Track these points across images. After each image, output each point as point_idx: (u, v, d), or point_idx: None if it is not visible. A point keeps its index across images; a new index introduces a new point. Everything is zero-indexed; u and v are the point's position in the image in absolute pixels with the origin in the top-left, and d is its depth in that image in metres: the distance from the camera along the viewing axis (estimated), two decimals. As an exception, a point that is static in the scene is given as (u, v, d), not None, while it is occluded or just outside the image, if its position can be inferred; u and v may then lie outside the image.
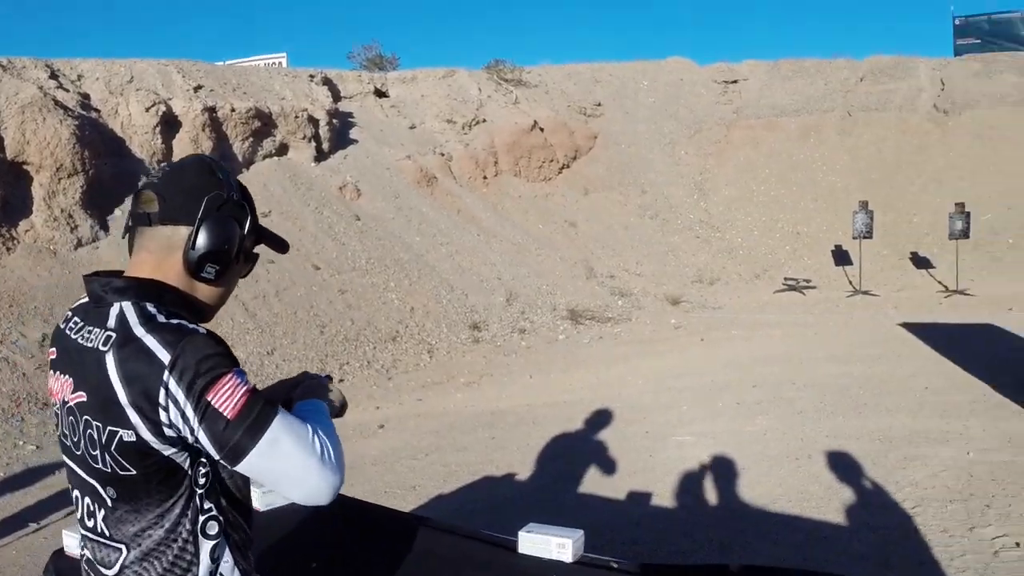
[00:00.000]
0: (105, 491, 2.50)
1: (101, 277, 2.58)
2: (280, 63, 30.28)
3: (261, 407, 2.37)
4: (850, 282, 24.17)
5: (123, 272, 2.62)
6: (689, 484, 9.00)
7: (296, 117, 21.99)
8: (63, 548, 4.04)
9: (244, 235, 2.69)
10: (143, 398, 2.32)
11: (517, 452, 10.49)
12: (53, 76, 17.55)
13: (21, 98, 15.22)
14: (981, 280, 23.28)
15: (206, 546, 2.54)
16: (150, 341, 2.35)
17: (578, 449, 10.50)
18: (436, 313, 18.31)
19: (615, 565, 3.76)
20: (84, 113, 16.85)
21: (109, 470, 2.43)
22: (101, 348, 2.41)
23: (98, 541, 2.58)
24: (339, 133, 24.07)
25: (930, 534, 7.39)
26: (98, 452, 2.43)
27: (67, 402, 2.54)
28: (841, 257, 25.61)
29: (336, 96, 25.75)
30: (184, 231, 2.55)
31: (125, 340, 2.38)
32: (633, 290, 23.15)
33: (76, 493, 2.65)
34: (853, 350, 15.46)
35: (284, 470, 2.38)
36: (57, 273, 14.04)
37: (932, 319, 18.42)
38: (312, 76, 25.54)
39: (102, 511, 2.54)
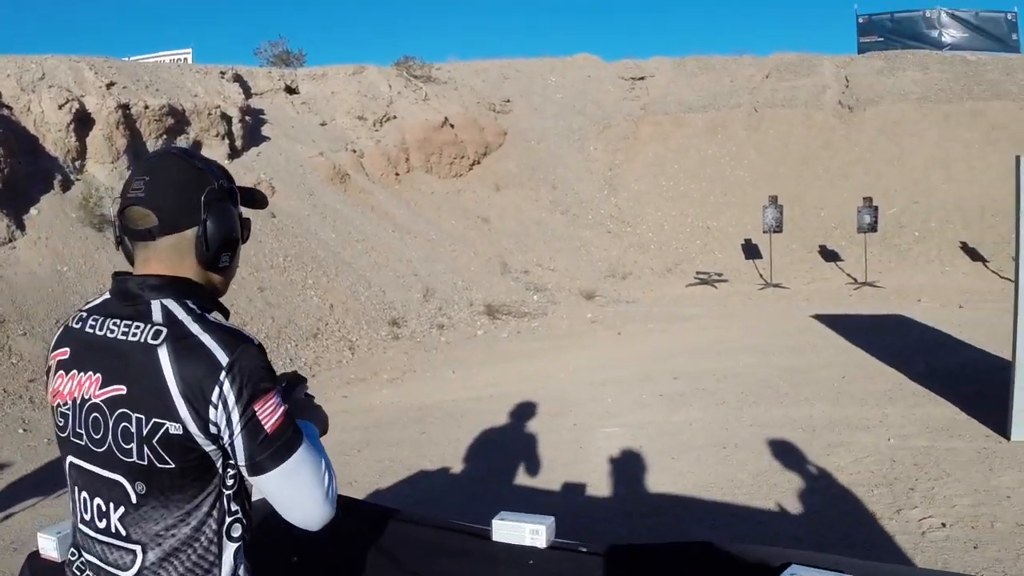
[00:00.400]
0: (134, 486, 2.51)
1: (130, 276, 2.63)
2: (185, 59, 30.08)
3: (293, 431, 2.52)
4: (761, 275, 24.54)
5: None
6: (621, 474, 9.19)
7: (209, 114, 21.88)
8: (38, 551, 3.97)
9: (241, 214, 2.78)
10: (197, 393, 2.40)
11: (448, 446, 10.60)
12: (-38, 72, 17.26)
13: (-69, 94, 15.03)
14: (888, 272, 23.76)
15: (230, 548, 2.61)
16: (207, 340, 2.44)
17: (508, 442, 10.65)
18: (355, 310, 18.36)
19: (584, 549, 3.91)
20: (-4, 110, 16.63)
21: (145, 463, 2.46)
22: (151, 342, 2.46)
23: (109, 543, 2.59)
24: (252, 130, 23.96)
25: (860, 517, 7.65)
26: (134, 445, 2.46)
27: (89, 399, 2.55)
28: (751, 251, 25.94)
29: (247, 93, 25.65)
30: (190, 234, 2.61)
31: (180, 335, 2.45)
32: (547, 285, 23.32)
33: (83, 494, 2.66)
34: (769, 341, 15.77)
35: (293, 496, 2.54)
36: (-17, 266, 13.88)
37: (843, 311, 18.79)
38: (223, 73, 25.40)
39: (121, 509, 2.55)
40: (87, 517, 2.66)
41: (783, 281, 23.79)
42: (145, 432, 2.44)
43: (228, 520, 2.61)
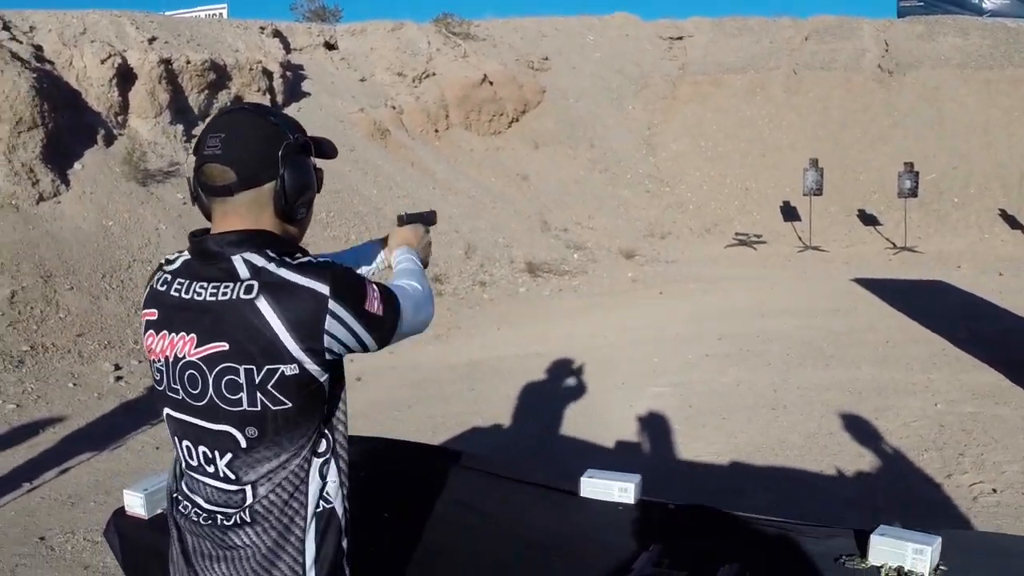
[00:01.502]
0: (244, 431, 2.65)
1: (209, 236, 2.75)
2: (221, 15, 30.06)
3: (388, 293, 2.80)
4: (799, 238, 24.51)
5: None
6: (672, 434, 9.36)
7: (251, 69, 21.90)
8: (123, 507, 4.07)
9: (315, 165, 2.90)
10: (310, 329, 2.57)
11: (500, 403, 10.72)
12: (5, 27, 17.39)
13: (-25, 52, 15.11)
14: (928, 238, 23.72)
15: (316, 463, 2.76)
16: (302, 279, 2.58)
17: (559, 400, 10.75)
18: (397, 266, 18.37)
19: (672, 506, 4.05)
20: (39, 66, 16.67)
21: (258, 408, 2.61)
22: (244, 296, 2.58)
23: (218, 487, 2.75)
24: (292, 86, 23.99)
25: (911, 481, 7.80)
26: (243, 395, 2.61)
27: (183, 357, 2.69)
28: (789, 213, 25.86)
29: (287, 48, 25.63)
30: (268, 188, 2.71)
31: (275, 284, 2.57)
32: (587, 243, 23.36)
33: (186, 443, 2.80)
34: (811, 304, 15.86)
35: (410, 323, 2.88)
36: (21, 229, 13.94)
37: (883, 275, 18.81)
38: (262, 28, 25.37)
39: (228, 455, 2.70)
40: (193, 463, 2.81)
41: (822, 244, 23.79)
42: (258, 380, 2.59)
43: (315, 438, 2.78)
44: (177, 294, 2.73)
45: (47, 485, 8.31)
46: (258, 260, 2.62)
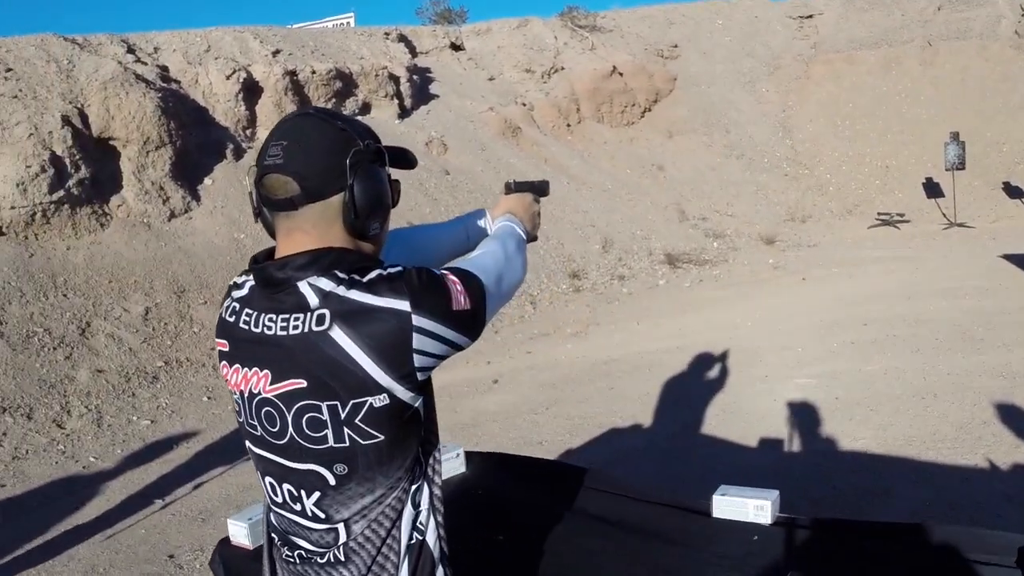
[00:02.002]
0: (332, 469, 2.46)
1: (271, 262, 2.51)
2: (348, 23, 30.25)
3: (468, 277, 2.57)
4: (944, 214, 23.96)
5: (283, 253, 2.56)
6: (818, 428, 9.09)
7: (376, 75, 21.99)
8: (228, 537, 4.00)
9: (390, 176, 2.66)
10: (396, 354, 2.35)
11: (638, 402, 10.55)
12: (130, 51, 17.56)
13: (102, 74, 15.27)
14: (1078, 209, 23.06)
15: (410, 491, 2.55)
16: (378, 300, 2.35)
17: (699, 396, 10.54)
18: (534, 264, 18.28)
19: (809, 526, 3.72)
20: (165, 85, 16.90)
21: (347, 444, 2.41)
22: (316, 329, 2.35)
23: (307, 526, 2.57)
24: (420, 89, 24.04)
25: (1073, 473, 7.45)
26: (328, 432, 2.41)
27: (258, 394, 2.50)
28: (932, 190, 25.27)
29: (413, 52, 25.73)
30: (336, 201, 2.48)
31: (349, 310, 2.34)
32: (726, 231, 23.10)
33: (269, 479, 2.63)
34: (958, 284, 15.37)
35: (496, 299, 2.68)
36: (153, 246, 14.13)
37: (1033, 250, 18.27)
38: (387, 34, 25.50)
39: (316, 494, 2.51)
40: (278, 500, 2.64)
41: (967, 220, 23.19)
42: (344, 415, 2.38)
43: (411, 466, 2.57)
44: (247, 327, 2.54)
45: (179, 501, 8.38)
46: (326, 284, 2.39)
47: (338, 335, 2.34)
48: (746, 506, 3.77)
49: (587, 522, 3.92)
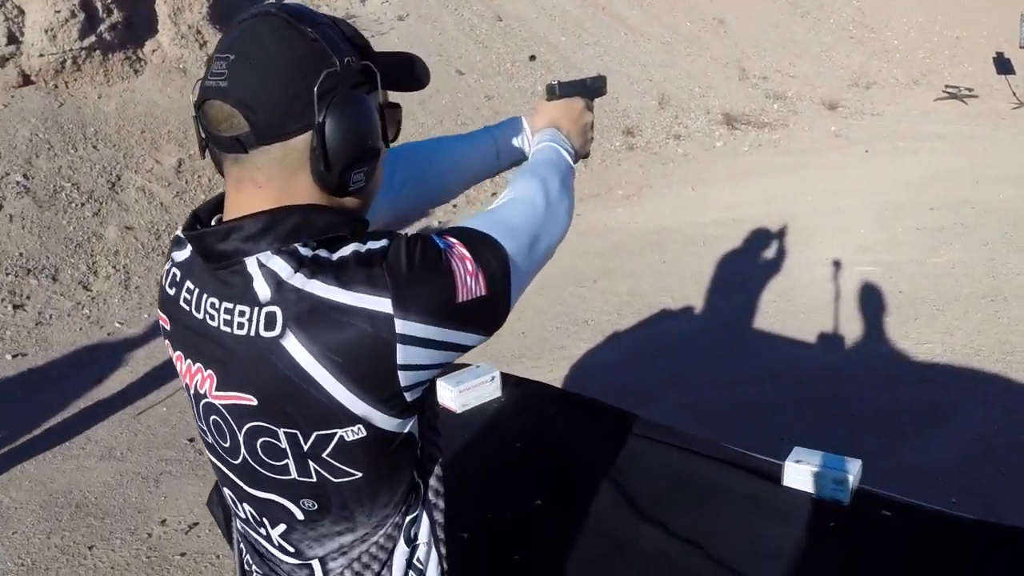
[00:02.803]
0: (299, 504, 1.88)
1: (211, 228, 1.81)
2: None
3: (482, 249, 1.80)
4: (1014, 93, 23.09)
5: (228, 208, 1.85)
6: (881, 326, 8.67)
7: (433, -90, 21.26)
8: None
9: (383, 106, 1.90)
10: (371, 373, 1.68)
11: (690, 280, 10.14)
12: None
13: (137, -89, 14.61)
14: None
15: (403, 525, 1.96)
16: (347, 295, 1.65)
17: (755, 278, 10.13)
18: (587, 118, 17.73)
19: (888, 513, 3.22)
20: (204, -79, 16.21)
21: (314, 479, 1.81)
22: (265, 334, 1.69)
23: (277, 557, 2.01)
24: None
25: None
26: (290, 461, 1.80)
27: (204, 395, 1.86)
28: (1003, 66, 24.38)
29: None
30: (301, 142, 1.73)
31: (309, 310, 1.66)
32: (787, 93, 22.37)
33: (229, 492, 2.06)
34: (1028, 171, 14.78)
35: (528, 269, 1.95)
36: (188, 94, 13.39)
37: (1107, 137, 17.66)
38: None
39: (281, 527, 1.95)
40: (241, 516, 2.08)
41: (1038, 100, 22.45)
42: (307, 447, 1.76)
43: (404, 497, 1.96)
44: (187, 306, 1.87)
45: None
46: (281, 267, 1.70)
47: (293, 346, 1.67)
48: (825, 478, 3.24)
49: (640, 480, 3.43)
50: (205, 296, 1.81)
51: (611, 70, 19.72)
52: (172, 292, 1.92)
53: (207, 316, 1.80)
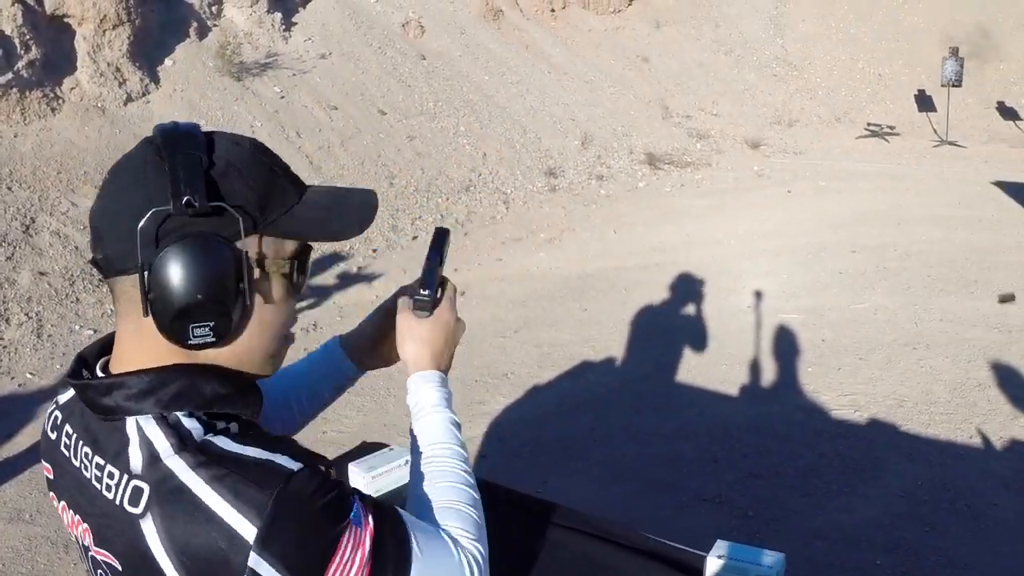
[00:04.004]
0: None
1: (93, 381, 1.68)
2: None
3: (392, 546, 1.59)
4: (935, 131, 23.41)
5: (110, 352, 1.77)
6: (805, 377, 8.59)
7: (358, -50, 21.16)
8: None
9: (259, 256, 1.68)
10: None
11: (613, 330, 10.03)
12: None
13: (57, -54, 14.39)
14: (1074, 135, 22.63)
15: None
16: (220, 504, 1.49)
17: (677, 328, 10.06)
18: (509, 159, 17.71)
19: None
20: (126, -42, 16.02)
21: None
22: (129, 509, 1.55)
23: None
24: (401, -36, 23.14)
25: (1078, 457, 6.97)
26: None
27: (88, 548, 1.71)
28: (924, 103, 24.77)
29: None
30: (137, 284, 1.60)
31: (174, 499, 1.51)
32: (711, 132, 22.46)
33: None
34: (950, 211, 14.89)
35: None
36: (107, 133, 13.32)
37: (1025, 176, 17.81)
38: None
39: None
40: None
41: (958, 139, 22.67)
42: None
43: None
44: (67, 452, 1.75)
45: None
46: (160, 440, 1.56)
47: (149, 530, 1.53)
48: (747, 573, 3.13)
49: (558, 574, 3.30)
50: (81, 444, 1.71)
51: (534, 109, 19.76)
52: (53, 437, 1.82)
53: (83, 466, 1.69)
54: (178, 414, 1.60)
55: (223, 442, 1.57)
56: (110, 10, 14.24)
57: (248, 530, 1.46)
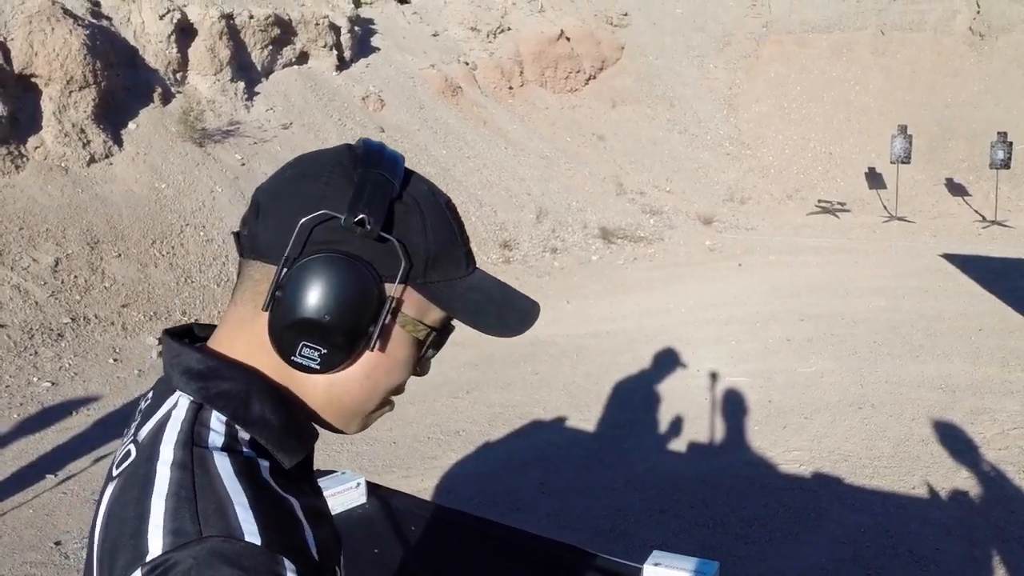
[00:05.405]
0: None
1: (177, 341, 1.54)
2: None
3: None
4: (884, 207, 23.78)
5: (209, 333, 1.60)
6: (751, 435, 8.72)
7: (316, 24, 21.24)
8: None
9: (395, 306, 1.49)
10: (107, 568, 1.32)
11: (564, 392, 10.14)
12: (60, -18, 16.81)
13: (28, 7, 14.49)
14: (1019, 212, 22.96)
15: None
16: (156, 505, 1.30)
17: (627, 390, 10.15)
18: (467, 229, 17.78)
19: None
20: (95, 22, 16.13)
21: None
22: (113, 470, 1.45)
23: None
24: (361, 41, 23.35)
25: (1013, 506, 7.09)
26: None
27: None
28: (875, 180, 25.17)
29: (356, 2, 25.07)
30: (272, 275, 1.45)
31: (136, 477, 1.37)
32: (664, 208, 22.71)
33: None
34: (898, 282, 15.13)
35: None
36: (69, 192, 13.45)
37: (972, 250, 18.05)
38: (332, -20, 24.97)
39: None
40: None
41: (908, 214, 23.02)
42: None
43: None
44: (138, 414, 1.54)
45: (74, 478, 7.74)
46: (175, 425, 1.41)
47: (108, 494, 1.41)
48: (682, 579, 3.23)
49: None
50: (148, 408, 1.52)
51: (490, 184, 19.96)
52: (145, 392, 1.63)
53: (132, 429, 1.52)
54: (214, 412, 1.44)
55: (225, 462, 1.38)
56: (77, 72, 14.41)
57: (145, 550, 1.26)
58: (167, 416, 1.42)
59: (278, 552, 1.28)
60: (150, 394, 1.55)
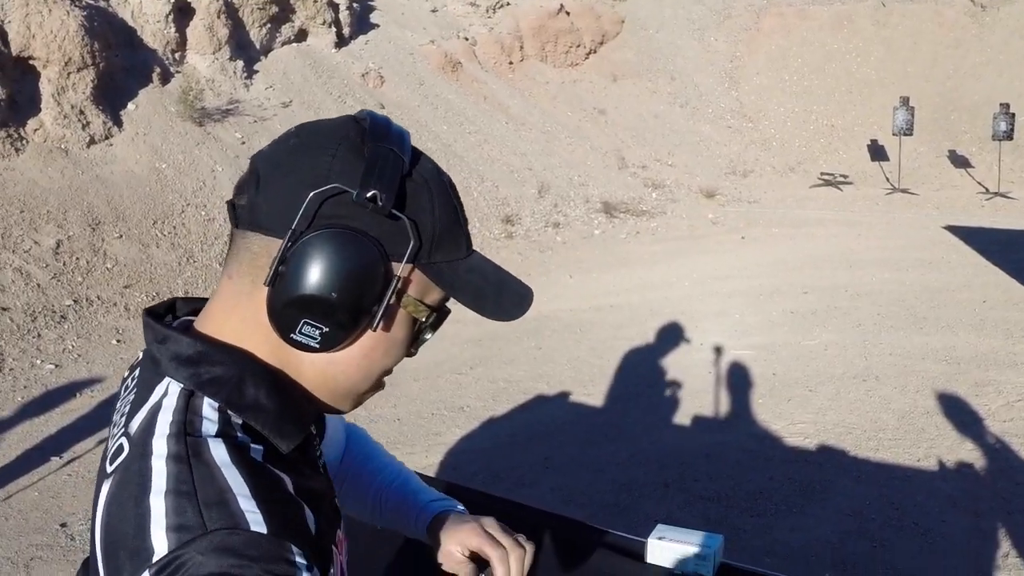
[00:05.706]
0: None
1: (159, 320, 1.53)
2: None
3: None
4: (887, 179, 23.73)
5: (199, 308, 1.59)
6: (755, 408, 8.69)
7: (315, 1, 21.12)
8: None
9: (400, 286, 1.44)
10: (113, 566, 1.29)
11: (567, 366, 10.12)
12: (56, -36, 16.72)
13: (24, -11, 14.47)
14: (1021, 183, 22.86)
15: None
16: (156, 502, 1.27)
17: (631, 364, 10.11)
18: (467, 206, 17.47)
19: None
20: (92, 2, 15.98)
21: None
22: (107, 467, 1.41)
23: None
24: (360, 18, 23.21)
25: (1018, 477, 7.07)
26: None
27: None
28: (877, 152, 25.11)
29: (356, -23, 25.07)
30: (275, 248, 1.39)
31: (132, 473, 1.33)
32: (666, 181, 22.66)
33: None
34: (902, 254, 15.12)
35: None
36: (69, 174, 13.37)
37: (975, 222, 18.03)
38: (330, -43, 24.86)
39: None
40: None
41: (911, 186, 22.98)
42: None
43: None
44: (123, 393, 1.58)
45: (78, 460, 7.69)
46: (166, 416, 1.37)
47: (104, 492, 1.38)
48: (687, 553, 3.21)
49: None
50: (127, 396, 1.54)
51: (492, 159, 19.87)
52: (125, 375, 1.67)
53: (121, 412, 1.51)
54: (206, 399, 1.41)
55: (220, 450, 1.34)
56: (75, 53, 14.31)
57: (151, 551, 1.23)
58: (158, 405, 1.39)
59: (285, 539, 1.27)
60: (134, 378, 1.54)
